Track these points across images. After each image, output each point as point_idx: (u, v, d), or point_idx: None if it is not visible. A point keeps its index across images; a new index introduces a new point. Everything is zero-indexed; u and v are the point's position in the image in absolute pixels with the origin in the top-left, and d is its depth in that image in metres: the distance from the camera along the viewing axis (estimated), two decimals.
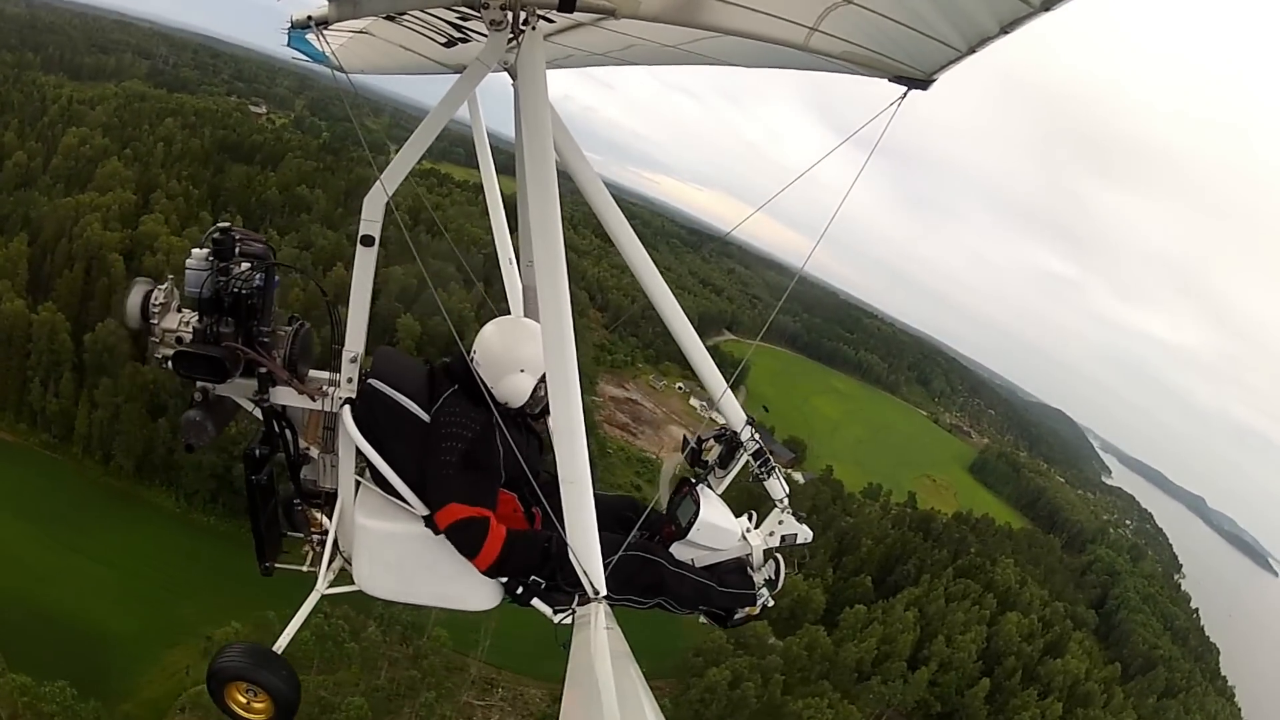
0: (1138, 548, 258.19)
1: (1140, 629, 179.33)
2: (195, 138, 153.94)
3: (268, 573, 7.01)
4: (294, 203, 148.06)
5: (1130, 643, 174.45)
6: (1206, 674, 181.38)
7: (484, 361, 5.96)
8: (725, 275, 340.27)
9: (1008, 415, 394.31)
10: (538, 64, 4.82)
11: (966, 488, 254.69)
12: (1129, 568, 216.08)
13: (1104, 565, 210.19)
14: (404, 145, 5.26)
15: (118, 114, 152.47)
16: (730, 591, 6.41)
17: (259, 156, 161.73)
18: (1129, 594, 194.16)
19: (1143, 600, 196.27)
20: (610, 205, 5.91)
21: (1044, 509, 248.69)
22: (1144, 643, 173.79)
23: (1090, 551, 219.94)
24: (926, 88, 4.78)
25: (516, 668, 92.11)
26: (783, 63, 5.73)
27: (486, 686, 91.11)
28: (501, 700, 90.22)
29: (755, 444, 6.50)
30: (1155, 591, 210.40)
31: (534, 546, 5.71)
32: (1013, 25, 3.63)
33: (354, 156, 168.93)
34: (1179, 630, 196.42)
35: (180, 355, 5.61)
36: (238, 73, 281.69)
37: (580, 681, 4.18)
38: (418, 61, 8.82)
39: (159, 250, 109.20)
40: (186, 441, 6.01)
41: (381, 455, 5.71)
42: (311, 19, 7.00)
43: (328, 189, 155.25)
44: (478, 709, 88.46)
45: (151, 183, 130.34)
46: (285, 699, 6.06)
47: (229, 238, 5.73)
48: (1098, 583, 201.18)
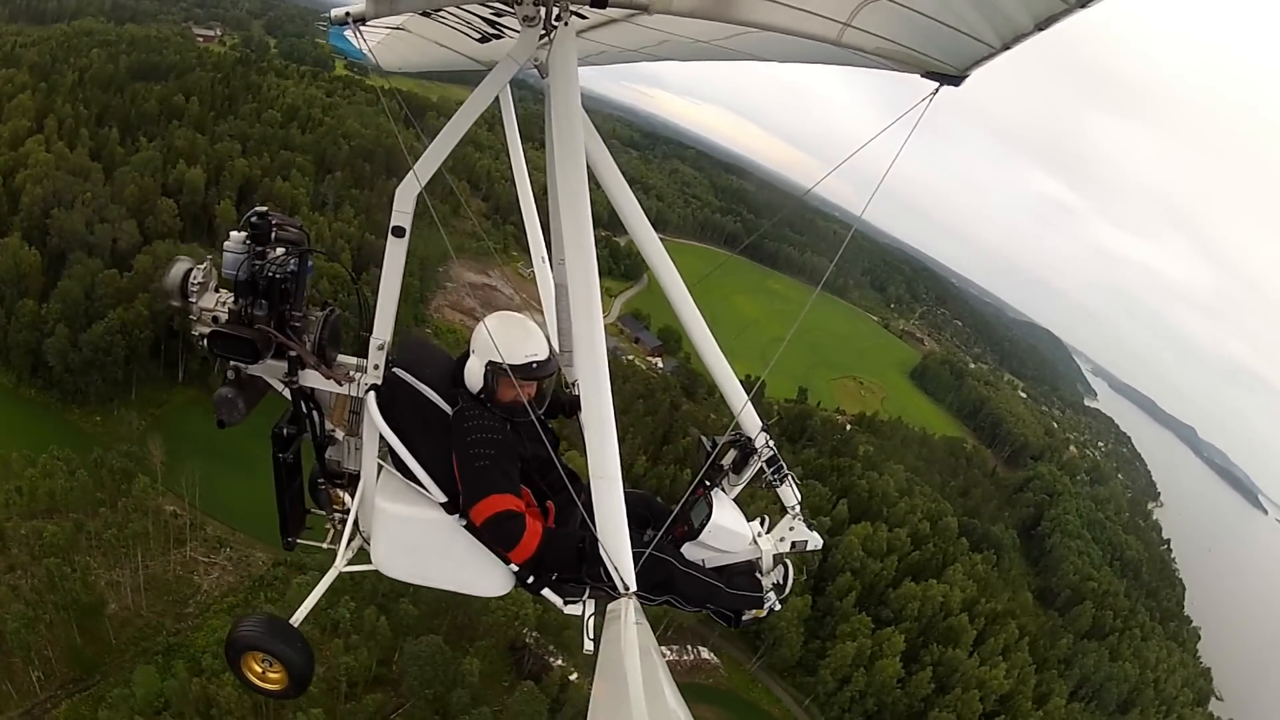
0: (1100, 470, 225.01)
1: (1073, 557, 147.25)
2: (110, 64, 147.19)
3: (290, 547, 7.16)
4: (171, 111, 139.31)
5: (1060, 571, 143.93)
6: (1159, 613, 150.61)
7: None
8: (665, 175, 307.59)
9: (979, 328, 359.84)
10: (570, 60, 4.75)
11: (901, 393, 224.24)
12: (1073, 489, 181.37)
13: (1043, 484, 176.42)
14: (436, 137, 5.12)
15: (51, 52, 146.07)
16: (738, 593, 6.36)
17: (171, 76, 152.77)
18: (1066, 517, 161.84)
19: (1086, 525, 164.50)
20: (634, 206, 5.96)
21: (985, 420, 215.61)
22: (1075, 572, 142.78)
23: (1030, 468, 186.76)
24: (959, 83, 4.55)
25: (251, 531, 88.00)
26: (816, 58, 5.44)
27: (216, 545, 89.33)
28: (226, 559, 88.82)
29: (770, 451, 6.45)
30: (1106, 518, 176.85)
31: (569, 545, 5.66)
32: (1049, 22, 3.45)
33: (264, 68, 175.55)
34: (1129, 562, 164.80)
35: (215, 335, 5.69)
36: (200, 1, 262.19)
37: (610, 675, 4.12)
38: (453, 58, 8.85)
39: (30, 165, 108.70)
40: (219, 418, 5.96)
41: (403, 442, 5.72)
42: (349, 15, 6.23)
43: (210, 96, 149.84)
44: (200, 564, 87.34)
45: (49, 109, 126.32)
46: (299, 670, 6.17)
47: (266, 223, 5.75)
48: (1032, 502, 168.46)
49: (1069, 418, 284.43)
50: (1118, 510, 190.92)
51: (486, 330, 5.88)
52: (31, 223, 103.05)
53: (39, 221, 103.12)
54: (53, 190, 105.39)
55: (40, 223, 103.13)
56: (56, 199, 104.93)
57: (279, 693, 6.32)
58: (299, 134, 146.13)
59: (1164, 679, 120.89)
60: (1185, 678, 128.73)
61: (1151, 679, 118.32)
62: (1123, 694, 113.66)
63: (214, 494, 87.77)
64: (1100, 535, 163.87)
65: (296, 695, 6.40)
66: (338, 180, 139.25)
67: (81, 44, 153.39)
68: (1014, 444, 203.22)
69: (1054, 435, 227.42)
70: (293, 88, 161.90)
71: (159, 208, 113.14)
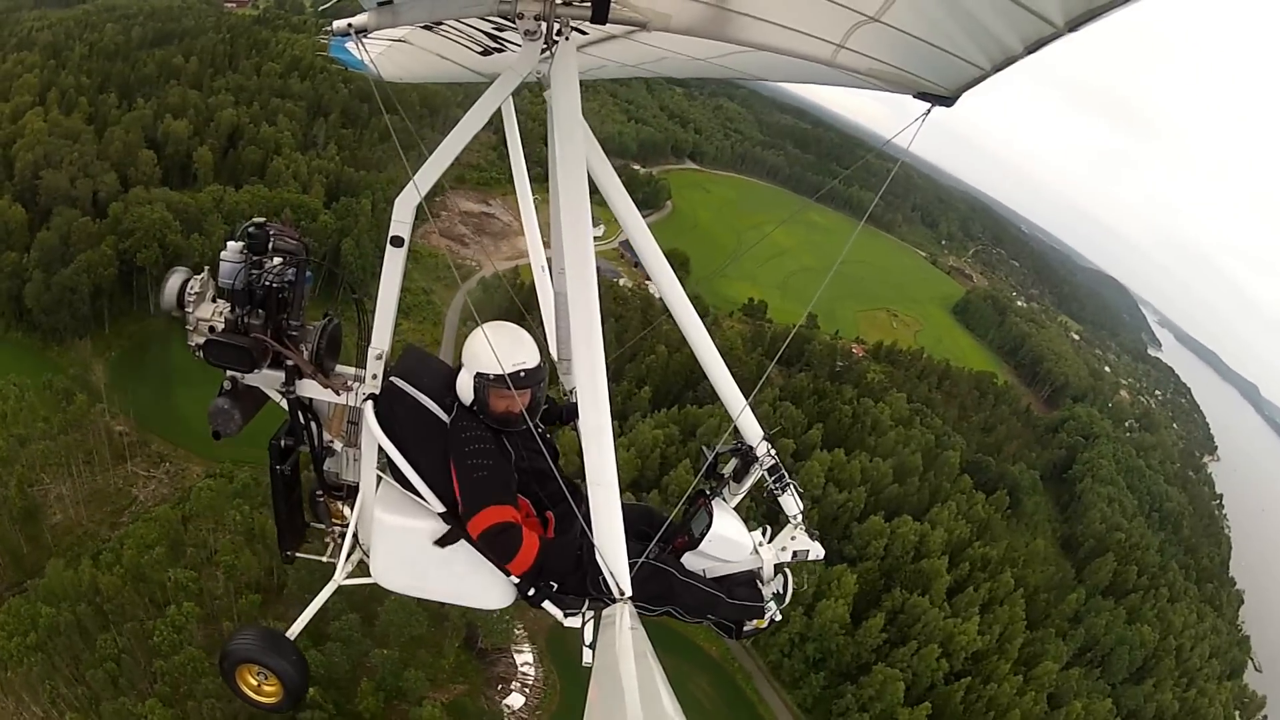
0: (1152, 418, 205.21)
1: (1101, 504, 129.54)
2: (121, 35, 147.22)
3: (289, 560, 6.94)
4: (169, 72, 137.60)
5: (1085, 519, 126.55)
6: (1196, 572, 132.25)
7: None
8: (709, 111, 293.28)
9: (1039, 270, 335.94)
10: (571, 74, 4.74)
11: (940, 327, 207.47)
12: (1112, 432, 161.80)
13: (1079, 425, 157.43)
14: (436, 149, 5.09)
15: (66, 31, 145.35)
16: (739, 604, 6.15)
17: (180, 41, 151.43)
18: (1101, 461, 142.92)
19: (1123, 472, 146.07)
20: (634, 214, 5.74)
21: (1025, 358, 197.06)
22: (1102, 520, 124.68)
23: (1067, 408, 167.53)
24: (951, 104, 4.64)
25: (189, 447, 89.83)
26: (810, 78, 5.67)
27: (157, 460, 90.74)
28: (164, 473, 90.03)
29: (771, 459, 6.19)
30: (1148, 466, 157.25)
31: (568, 554, 5.60)
32: (1037, 45, 3.52)
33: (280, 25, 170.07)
34: (1169, 514, 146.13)
35: (210, 344, 5.59)
36: None
37: (605, 680, 4.03)
38: (454, 70, 8.90)
39: (26, 135, 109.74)
40: (214, 429, 5.84)
41: (402, 452, 5.59)
42: (351, 27, 6.57)
43: (210, 55, 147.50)
44: (140, 478, 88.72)
45: (52, 84, 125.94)
46: (294, 684, 6.04)
47: (263, 232, 5.67)
48: (1065, 444, 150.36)
49: (1125, 363, 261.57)
50: (1165, 460, 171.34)
51: (474, 341, 5.63)
52: (23, 185, 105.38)
53: (30, 183, 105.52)
54: (43, 154, 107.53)
55: (31, 184, 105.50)
56: (46, 161, 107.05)
57: (274, 706, 6.10)
58: (298, 83, 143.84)
59: (1189, 646, 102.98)
60: (1216, 646, 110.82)
61: (1174, 645, 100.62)
62: (1135, 661, 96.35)
63: (161, 415, 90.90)
64: (1138, 483, 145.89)
65: (291, 708, 6.23)
66: (331, 123, 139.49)
67: (98, 20, 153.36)
68: (1054, 383, 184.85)
69: (1102, 378, 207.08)
70: (304, 40, 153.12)
71: (139, 159, 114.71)
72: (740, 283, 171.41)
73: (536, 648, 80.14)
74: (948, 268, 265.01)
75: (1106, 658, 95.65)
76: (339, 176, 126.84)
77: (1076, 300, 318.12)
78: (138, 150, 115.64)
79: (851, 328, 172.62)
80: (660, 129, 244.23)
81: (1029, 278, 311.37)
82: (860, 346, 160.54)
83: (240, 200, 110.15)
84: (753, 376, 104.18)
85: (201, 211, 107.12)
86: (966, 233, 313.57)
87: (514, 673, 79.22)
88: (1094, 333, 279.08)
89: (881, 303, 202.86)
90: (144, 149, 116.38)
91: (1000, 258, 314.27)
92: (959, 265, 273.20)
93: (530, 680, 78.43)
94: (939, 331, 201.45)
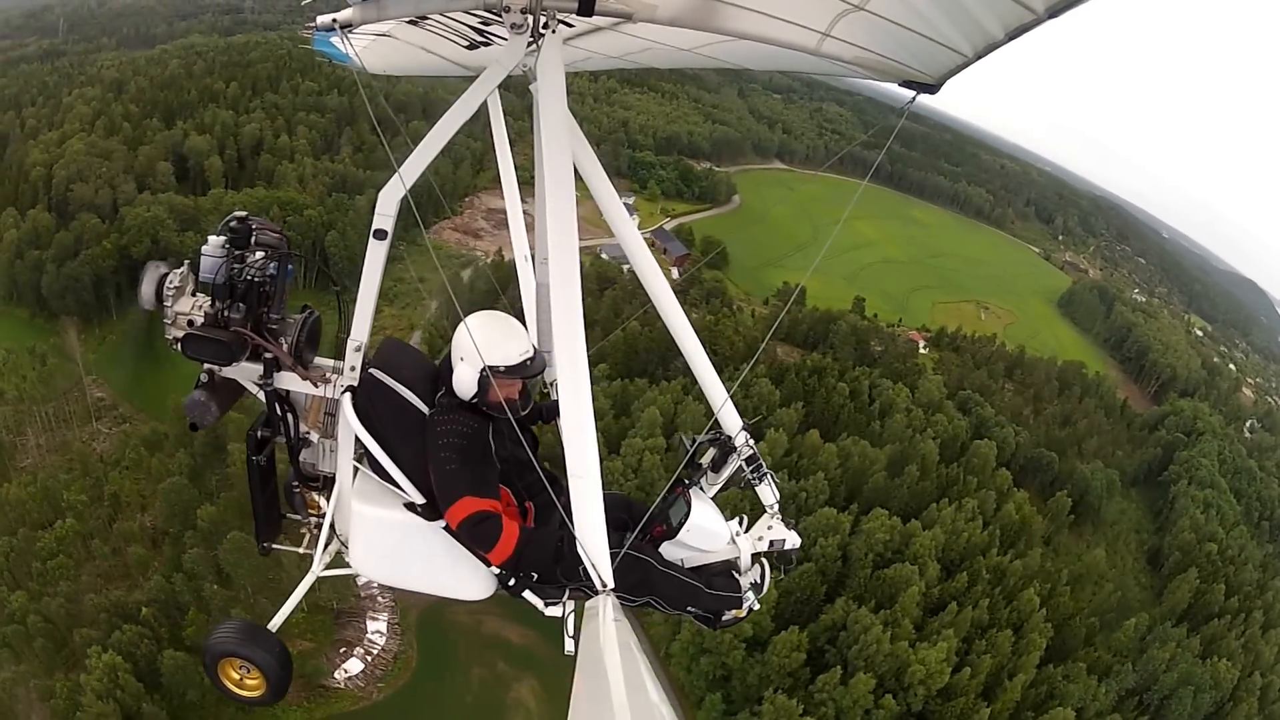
0: (1276, 418, 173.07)
1: (1194, 510, 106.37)
2: (183, 69, 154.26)
3: (265, 552, 6.78)
4: (209, 96, 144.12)
5: (1175, 528, 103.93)
6: None
7: (452, 352, 5.64)
8: (806, 115, 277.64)
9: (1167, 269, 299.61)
10: (557, 67, 4.63)
11: (1039, 319, 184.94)
12: (1221, 430, 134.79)
13: (1181, 421, 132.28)
14: (422, 141, 4.97)
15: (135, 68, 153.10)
16: (718, 594, 5.95)
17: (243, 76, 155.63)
18: (1201, 460, 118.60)
19: (1228, 473, 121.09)
20: (618, 206, 5.61)
21: (1131, 350, 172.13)
22: (1192, 530, 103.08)
23: (1170, 402, 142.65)
24: (935, 92, 4.64)
25: (150, 411, 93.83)
26: (796, 67, 5.62)
27: (121, 420, 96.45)
28: (123, 432, 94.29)
29: (749, 449, 6.05)
30: (1259, 467, 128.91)
31: (548, 545, 5.36)
32: (1019, 31, 3.52)
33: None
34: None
35: (189, 338, 5.39)
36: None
37: (589, 672, 3.96)
38: (440, 64, 8.67)
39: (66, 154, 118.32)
40: (191, 421, 5.70)
41: (380, 444, 5.41)
42: (336, 21, 5.86)
43: (250, 78, 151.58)
44: (103, 434, 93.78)
45: (103, 113, 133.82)
46: (277, 677, 5.84)
47: (245, 226, 5.50)
48: (1163, 441, 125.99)
49: (1254, 363, 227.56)
50: None
51: (476, 334, 5.30)
52: (58, 196, 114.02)
53: (63, 195, 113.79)
54: (76, 170, 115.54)
55: (64, 196, 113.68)
56: (79, 176, 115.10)
57: (258, 699, 5.94)
58: (335, 97, 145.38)
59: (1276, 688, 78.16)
60: None
61: (1259, 685, 76.63)
62: (1202, 707, 73.23)
63: (136, 384, 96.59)
64: (1246, 487, 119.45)
65: (275, 701, 5.99)
66: (357, 130, 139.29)
67: (166, 57, 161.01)
68: (1161, 377, 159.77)
69: (1220, 374, 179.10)
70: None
71: (157, 170, 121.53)
72: (799, 273, 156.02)
73: (396, 620, 74.96)
74: (1061, 263, 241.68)
75: (1165, 701, 73.19)
76: (345, 177, 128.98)
77: (1208, 299, 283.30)
78: (157, 163, 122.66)
79: (924, 317, 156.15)
80: (740, 129, 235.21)
81: (1156, 274, 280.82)
82: (922, 334, 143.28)
83: (237, 200, 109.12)
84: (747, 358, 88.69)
85: (201, 212, 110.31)
86: (1087, 228, 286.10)
87: (361, 638, 73.82)
88: (1222, 330, 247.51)
89: (972, 295, 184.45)
90: (163, 161, 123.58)
91: (1125, 254, 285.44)
92: (1074, 260, 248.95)
93: (376, 649, 73.13)
94: (1036, 324, 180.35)
